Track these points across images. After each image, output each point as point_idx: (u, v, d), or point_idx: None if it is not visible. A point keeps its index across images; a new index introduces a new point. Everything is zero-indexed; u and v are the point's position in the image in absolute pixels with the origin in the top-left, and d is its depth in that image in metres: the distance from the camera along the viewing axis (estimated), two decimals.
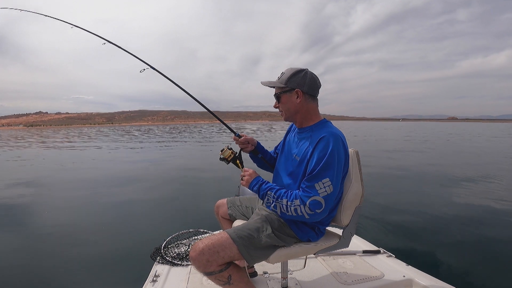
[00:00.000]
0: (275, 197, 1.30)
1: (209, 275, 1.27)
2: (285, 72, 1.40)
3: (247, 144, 1.67)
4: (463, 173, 7.09)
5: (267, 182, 1.40)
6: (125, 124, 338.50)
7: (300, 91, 1.36)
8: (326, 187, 1.20)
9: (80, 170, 8.77)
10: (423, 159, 9.78)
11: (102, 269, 2.70)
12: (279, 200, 1.29)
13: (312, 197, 1.20)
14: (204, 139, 23.18)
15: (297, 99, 1.37)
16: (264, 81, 1.48)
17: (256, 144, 1.71)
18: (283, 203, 1.27)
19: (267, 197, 1.34)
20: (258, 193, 1.39)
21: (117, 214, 4.31)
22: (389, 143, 17.19)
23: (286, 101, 1.41)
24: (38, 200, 5.34)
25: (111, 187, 6.24)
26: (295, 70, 1.38)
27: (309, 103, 1.39)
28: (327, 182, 1.21)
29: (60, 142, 22.48)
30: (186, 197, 5.32)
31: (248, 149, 1.69)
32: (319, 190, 1.21)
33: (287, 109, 1.43)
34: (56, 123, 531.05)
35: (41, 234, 3.59)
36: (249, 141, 1.67)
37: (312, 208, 1.20)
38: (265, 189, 1.35)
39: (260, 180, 1.41)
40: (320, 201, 1.20)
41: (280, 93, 1.41)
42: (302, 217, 1.23)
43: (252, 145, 1.69)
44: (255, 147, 1.70)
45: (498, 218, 3.81)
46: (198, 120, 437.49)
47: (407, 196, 5.03)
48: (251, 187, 1.41)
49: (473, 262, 2.69)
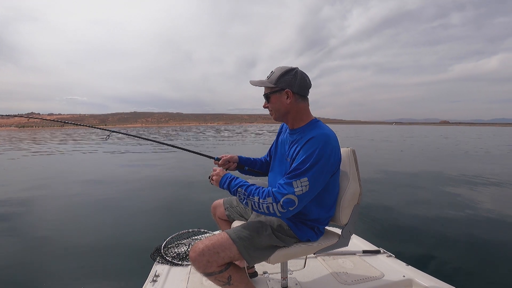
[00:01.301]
0: (246, 194, 1.27)
1: (209, 276, 1.26)
2: (274, 71, 1.36)
3: (229, 164, 1.66)
4: (463, 173, 7.17)
5: (237, 179, 1.35)
6: (119, 126, 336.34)
7: (290, 91, 1.32)
8: (303, 186, 1.18)
9: (78, 172, 8.65)
10: (423, 159, 9.88)
11: (102, 269, 2.68)
12: (250, 198, 1.25)
13: (287, 195, 1.19)
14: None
15: (287, 99, 1.33)
16: (253, 80, 1.43)
17: (237, 160, 1.70)
18: (255, 200, 1.24)
19: (238, 194, 1.30)
20: (229, 190, 1.34)
21: (117, 214, 4.27)
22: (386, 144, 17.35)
23: (276, 102, 1.37)
24: (39, 200, 5.29)
25: (111, 188, 6.19)
26: (285, 70, 1.34)
27: (300, 103, 1.36)
28: (305, 182, 1.19)
29: (59, 144, 22.15)
30: (186, 197, 5.29)
31: (232, 167, 1.68)
32: (296, 189, 1.18)
33: (277, 109, 1.39)
34: (48, 125, 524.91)
35: (41, 234, 3.55)
36: (229, 159, 1.67)
37: (285, 206, 1.19)
38: (235, 186, 1.31)
39: (229, 177, 1.37)
40: (294, 199, 1.19)
41: (270, 93, 1.37)
42: (274, 214, 1.21)
43: (233, 162, 1.68)
44: (238, 163, 1.70)
45: (499, 218, 3.83)
46: (191, 123, 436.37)
47: (407, 196, 5.05)
48: (221, 186, 1.37)
49: (473, 262, 2.69)
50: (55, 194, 5.82)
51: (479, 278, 2.44)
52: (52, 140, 27.15)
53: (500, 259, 2.75)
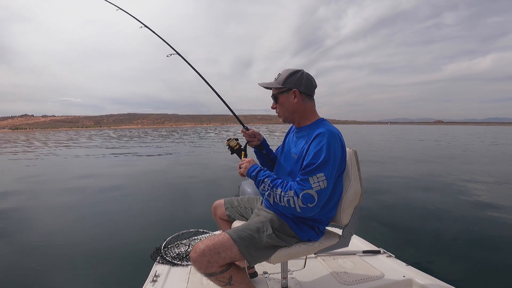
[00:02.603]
0: (271, 185, 1.29)
1: (210, 276, 1.26)
2: (281, 73, 1.43)
3: (254, 138, 1.68)
4: (463, 173, 7.19)
5: (266, 170, 1.39)
6: (114, 127, 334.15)
7: (297, 91, 1.38)
8: (320, 182, 1.20)
9: (78, 172, 8.62)
10: (422, 159, 9.88)
11: (102, 269, 2.67)
12: (273, 189, 1.28)
13: (306, 190, 1.20)
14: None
15: (294, 99, 1.39)
16: (261, 82, 1.49)
17: (262, 139, 1.72)
18: (277, 192, 1.26)
19: (263, 184, 1.32)
20: (255, 179, 1.37)
21: (117, 215, 4.27)
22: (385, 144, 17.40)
23: (284, 102, 1.42)
24: (38, 200, 5.28)
25: (111, 188, 6.18)
26: (292, 71, 1.40)
27: (306, 103, 1.42)
28: (322, 177, 1.20)
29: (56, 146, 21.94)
30: (186, 197, 5.29)
31: (254, 143, 1.69)
32: (313, 184, 1.20)
33: (285, 109, 1.44)
34: (42, 126, 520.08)
35: (39, 236, 3.52)
36: (256, 135, 1.69)
37: (304, 201, 1.19)
38: (263, 176, 1.34)
39: (258, 167, 1.41)
40: (313, 195, 1.20)
41: (278, 93, 1.43)
42: (294, 209, 1.22)
43: (258, 140, 1.70)
44: (260, 143, 1.71)
45: (499, 218, 3.83)
46: (187, 124, 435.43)
47: (407, 197, 5.06)
48: (249, 173, 1.40)
49: (473, 262, 2.70)
50: (55, 193, 5.80)
51: (479, 278, 2.44)
52: (60, 143, 26.90)
53: (500, 259, 2.75)
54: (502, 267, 2.61)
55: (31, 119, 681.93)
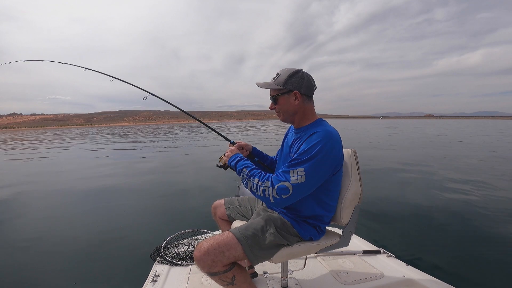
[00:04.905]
0: (249, 175, 1.33)
1: (213, 276, 1.25)
2: (280, 73, 1.40)
3: (242, 150, 1.69)
4: (463, 174, 7.06)
5: (246, 160, 1.44)
6: (105, 125, 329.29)
7: (299, 92, 1.37)
8: (299, 176, 1.21)
9: (77, 171, 8.54)
10: (422, 159, 9.77)
11: (103, 269, 2.65)
12: (251, 179, 1.31)
13: (282, 182, 1.22)
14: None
15: (295, 100, 1.38)
16: (259, 82, 1.46)
17: (251, 149, 1.73)
18: (254, 182, 1.29)
19: (242, 173, 1.37)
20: (235, 167, 1.43)
21: (117, 215, 4.23)
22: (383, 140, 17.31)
23: (284, 103, 1.40)
24: (38, 200, 5.24)
25: (111, 188, 6.10)
26: (292, 72, 1.38)
27: (307, 104, 1.41)
28: (301, 172, 1.21)
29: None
30: (186, 197, 5.24)
31: (244, 155, 1.68)
32: (292, 177, 1.21)
33: (285, 110, 1.42)
34: (31, 125, 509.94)
35: (36, 234, 3.50)
36: (243, 146, 1.70)
37: (278, 192, 1.21)
38: (242, 166, 1.39)
39: (239, 156, 1.46)
40: (288, 187, 1.21)
41: (278, 95, 1.40)
42: (268, 199, 1.24)
43: (247, 150, 1.71)
44: (250, 152, 1.72)
45: (499, 219, 3.80)
46: (180, 121, 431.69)
47: (407, 196, 5.02)
48: (229, 162, 1.48)
49: (473, 262, 2.69)
50: (54, 194, 5.73)
51: (479, 278, 2.43)
52: (58, 140, 26.37)
53: (501, 259, 2.73)
54: (502, 267, 2.60)
55: (19, 118, 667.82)
